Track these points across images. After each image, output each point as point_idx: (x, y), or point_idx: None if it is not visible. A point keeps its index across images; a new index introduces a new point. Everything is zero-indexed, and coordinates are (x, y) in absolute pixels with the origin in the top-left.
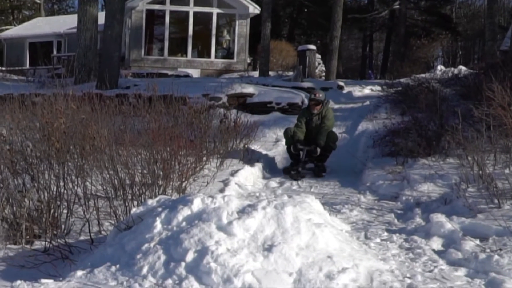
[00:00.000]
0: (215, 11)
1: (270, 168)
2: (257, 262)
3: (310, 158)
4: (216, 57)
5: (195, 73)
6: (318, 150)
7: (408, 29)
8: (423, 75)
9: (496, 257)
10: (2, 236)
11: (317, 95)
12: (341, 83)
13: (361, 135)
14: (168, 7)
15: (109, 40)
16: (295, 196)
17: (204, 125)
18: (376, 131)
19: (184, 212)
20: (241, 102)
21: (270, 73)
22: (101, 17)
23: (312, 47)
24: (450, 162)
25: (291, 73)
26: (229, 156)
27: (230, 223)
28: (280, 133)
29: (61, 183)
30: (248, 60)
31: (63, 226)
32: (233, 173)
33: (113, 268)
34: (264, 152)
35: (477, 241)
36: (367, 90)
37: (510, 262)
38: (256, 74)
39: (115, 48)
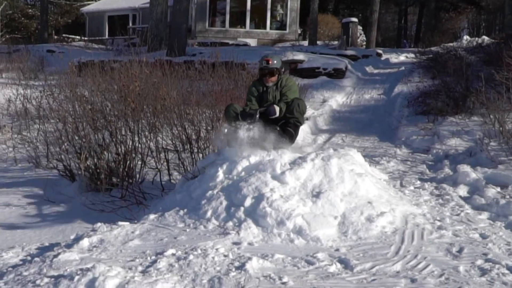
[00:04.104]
0: None
1: (318, 125)
2: (306, 207)
3: None
4: (271, 28)
5: (252, 42)
6: (277, 109)
7: (438, 4)
8: (451, 44)
9: None
10: (84, 184)
11: (270, 61)
12: (380, 51)
13: (397, 96)
14: None
15: (177, 14)
16: (339, 149)
17: None
18: (410, 92)
19: (243, 164)
20: (293, 68)
21: (318, 42)
22: None
23: (355, 19)
24: (475, 120)
25: (336, 42)
26: None
27: (283, 173)
28: (327, 94)
29: (136, 138)
30: (299, 31)
31: (137, 176)
32: None
33: (181, 212)
34: (312, 111)
35: (498, 189)
36: (402, 57)
37: None
38: (305, 43)
39: (183, 21)
